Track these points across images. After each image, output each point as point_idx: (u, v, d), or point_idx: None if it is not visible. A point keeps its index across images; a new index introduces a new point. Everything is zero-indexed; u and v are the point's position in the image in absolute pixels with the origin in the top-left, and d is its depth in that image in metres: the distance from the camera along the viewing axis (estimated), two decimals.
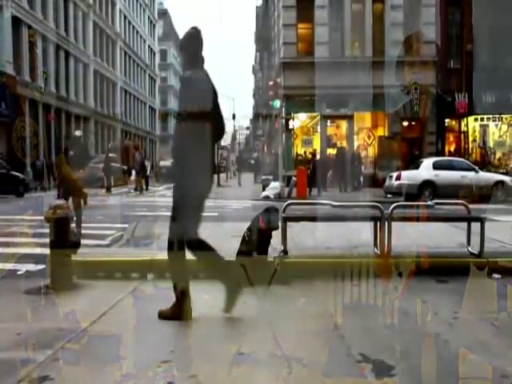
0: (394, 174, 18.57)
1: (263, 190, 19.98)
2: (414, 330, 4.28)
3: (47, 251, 5.47)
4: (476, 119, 26.38)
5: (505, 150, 26.41)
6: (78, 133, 7.95)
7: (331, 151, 25.78)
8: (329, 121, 27.18)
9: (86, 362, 3.57)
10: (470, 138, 26.56)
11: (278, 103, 22.29)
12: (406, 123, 26.88)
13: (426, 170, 18.09)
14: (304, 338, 4.09)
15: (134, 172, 25.19)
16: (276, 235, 6.02)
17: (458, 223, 7.71)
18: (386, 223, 6.18)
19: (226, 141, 78.13)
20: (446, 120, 26.86)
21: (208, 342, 3.93)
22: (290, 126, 24.29)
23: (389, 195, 18.47)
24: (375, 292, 5.47)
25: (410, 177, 17.93)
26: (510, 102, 24.75)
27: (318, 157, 23.98)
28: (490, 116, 26.27)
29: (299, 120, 26.93)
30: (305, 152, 26.52)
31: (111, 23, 47.68)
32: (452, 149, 27.21)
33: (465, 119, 26.22)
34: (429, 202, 7.31)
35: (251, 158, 52.50)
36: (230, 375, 3.33)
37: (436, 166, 18.10)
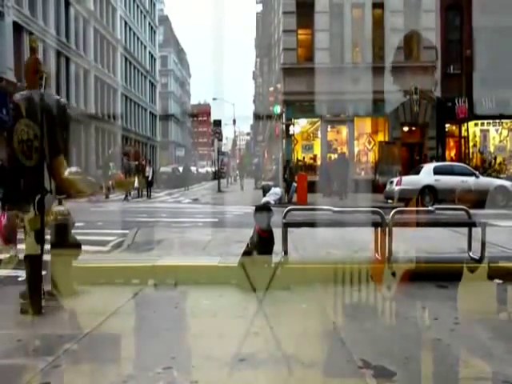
0: (395, 180, 18.56)
1: (263, 195, 19.97)
2: (415, 335, 4.28)
3: (48, 257, 5.47)
4: (476, 124, 26.39)
5: (505, 155, 26.41)
6: None
7: (331, 157, 25.80)
8: (329, 126, 27.20)
9: (86, 368, 3.57)
10: (471, 143, 26.57)
11: (278, 109, 22.31)
12: (406, 128, 26.89)
13: (426, 175, 18.09)
14: (305, 343, 4.09)
15: (136, 179, 25.10)
16: (277, 240, 6.03)
17: (459, 228, 7.70)
18: (387, 229, 6.17)
19: (226, 146, 78.32)
20: (447, 125, 26.88)
21: (209, 347, 3.93)
22: (291, 132, 24.27)
23: (389, 201, 18.46)
24: (375, 297, 5.47)
25: (410, 182, 17.92)
26: (510, 107, 24.76)
27: (291, 163, 23.99)
28: (491, 121, 26.27)
29: (299, 125, 26.96)
30: (304, 158, 26.59)
31: (112, 29, 47.82)
32: (452, 154, 27.22)
33: (465, 124, 26.23)
34: (429, 208, 7.32)
35: (252, 163, 52.55)
36: (231, 381, 3.33)
37: (436, 171, 18.10)
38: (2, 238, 7.60)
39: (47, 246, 5.47)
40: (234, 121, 47.71)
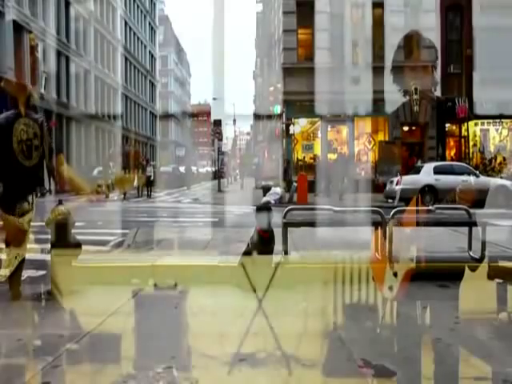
0: (395, 179, 18.56)
1: (264, 195, 19.97)
2: (415, 335, 4.27)
3: (48, 257, 5.47)
4: (476, 124, 26.39)
5: (505, 154, 26.41)
6: None
7: (331, 156, 25.80)
8: (329, 126, 27.18)
9: (86, 368, 3.57)
10: (471, 143, 26.57)
11: (278, 108, 22.33)
12: (406, 128, 26.89)
13: (426, 174, 18.09)
14: (305, 343, 4.08)
15: (135, 177, 25.12)
16: (278, 240, 6.03)
17: (459, 228, 7.70)
18: (387, 228, 6.16)
19: (226, 146, 78.30)
20: (447, 125, 26.87)
21: (209, 347, 3.92)
22: (291, 131, 24.28)
23: (390, 200, 18.46)
24: (376, 297, 5.46)
25: (410, 181, 17.92)
26: (510, 106, 24.75)
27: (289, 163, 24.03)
28: (491, 121, 26.29)
29: (299, 125, 26.93)
30: (304, 157, 26.57)
31: (112, 29, 47.79)
32: (453, 153, 27.21)
33: (465, 124, 26.23)
34: (430, 207, 7.31)
35: (252, 163, 52.54)
36: (231, 381, 3.33)
37: (437, 171, 18.11)
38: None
39: (47, 246, 5.47)
40: (234, 120, 47.71)
